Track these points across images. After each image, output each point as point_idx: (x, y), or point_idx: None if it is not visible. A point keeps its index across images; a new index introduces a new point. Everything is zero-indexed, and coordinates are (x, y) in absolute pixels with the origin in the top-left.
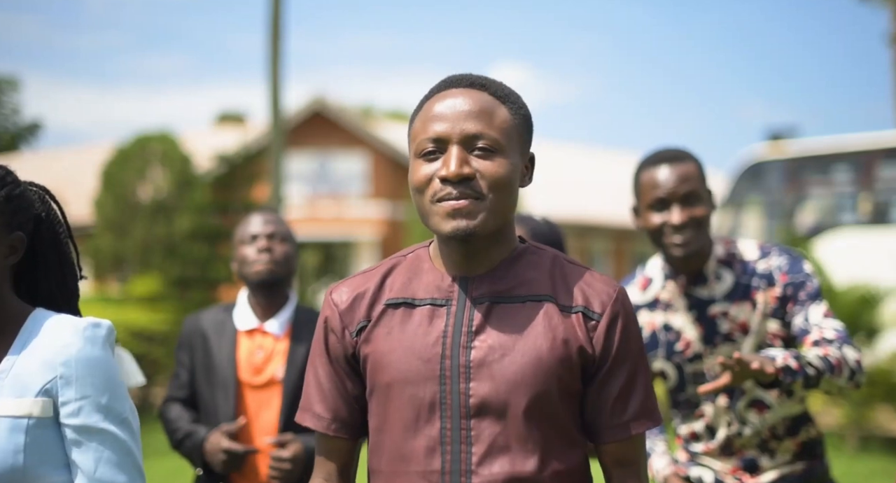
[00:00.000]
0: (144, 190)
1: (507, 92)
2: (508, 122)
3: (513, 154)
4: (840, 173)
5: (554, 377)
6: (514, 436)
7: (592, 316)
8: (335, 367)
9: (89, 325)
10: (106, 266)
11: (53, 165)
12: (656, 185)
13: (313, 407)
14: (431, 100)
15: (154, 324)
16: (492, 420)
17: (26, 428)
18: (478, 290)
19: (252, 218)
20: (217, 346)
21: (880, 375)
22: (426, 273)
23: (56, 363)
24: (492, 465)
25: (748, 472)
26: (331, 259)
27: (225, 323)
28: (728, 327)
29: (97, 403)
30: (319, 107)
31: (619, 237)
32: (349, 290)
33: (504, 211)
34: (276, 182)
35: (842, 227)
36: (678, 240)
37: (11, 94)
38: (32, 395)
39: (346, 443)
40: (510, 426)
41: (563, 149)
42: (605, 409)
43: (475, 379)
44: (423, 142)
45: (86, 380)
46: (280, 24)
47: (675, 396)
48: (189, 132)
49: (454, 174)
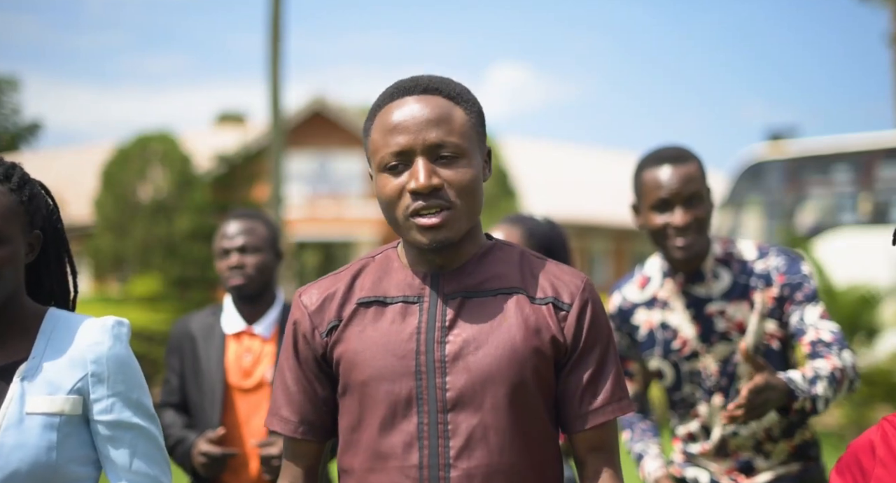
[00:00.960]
0: (144, 190)
1: (458, 91)
2: (466, 123)
3: (474, 155)
4: (840, 173)
5: (529, 367)
6: (492, 428)
7: (562, 306)
8: (304, 370)
9: (116, 323)
10: (106, 266)
11: (53, 165)
12: (659, 185)
13: (280, 411)
14: (385, 109)
15: (154, 324)
16: (469, 413)
17: (58, 425)
18: (449, 285)
19: (226, 228)
20: (205, 351)
21: (880, 375)
22: (396, 271)
23: (87, 361)
24: (470, 457)
25: (744, 473)
26: (331, 259)
27: (213, 327)
28: (725, 326)
29: (128, 399)
30: (319, 107)
31: (619, 237)
32: (318, 292)
33: (474, 213)
34: (276, 182)
35: (842, 227)
36: (680, 242)
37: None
38: (65, 393)
39: (314, 446)
40: (487, 418)
41: (563, 149)
42: (576, 397)
43: (451, 373)
44: (385, 155)
45: (117, 377)
46: (280, 24)
47: (672, 395)
48: (189, 132)
49: (424, 186)
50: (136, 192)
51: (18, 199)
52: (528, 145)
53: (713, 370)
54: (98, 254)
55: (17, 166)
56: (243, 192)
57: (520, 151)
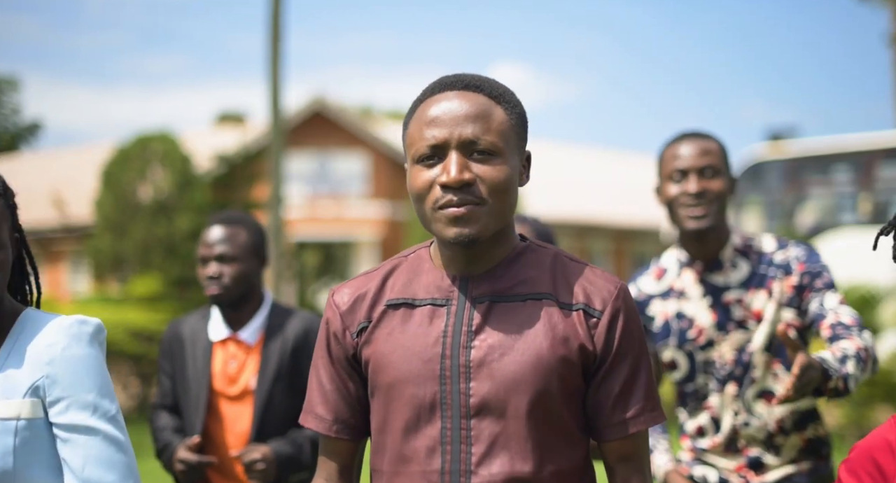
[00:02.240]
0: (144, 190)
1: (501, 91)
2: (505, 123)
3: (511, 155)
4: (840, 173)
5: (554, 376)
6: (515, 435)
7: (593, 313)
8: (337, 369)
9: (75, 322)
10: (106, 266)
11: (53, 165)
12: (677, 156)
13: (315, 409)
14: (426, 103)
15: (154, 324)
16: (492, 420)
17: (15, 429)
18: (478, 289)
19: (206, 235)
20: (192, 356)
21: (880, 375)
22: (426, 273)
23: (42, 362)
24: (491, 464)
25: (753, 470)
26: (331, 259)
27: (201, 332)
28: (742, 314)
29: (84, 401)
30: (319, 107)
31: (619, 237)
32: (350, 292)
33: (505, 213)
34: (276, 182)
35: (842, 227)
36: (693, 212)
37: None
38: (20, 396)
39: (348, 444)
40: (510, 426)
41: (563, 149)
42: (607, 407)
43: (475, 379)
44: (420, 147)
45: (72, 377)
46: (280, 24)
47: (684, 387)
48: (189, 132)
49: (455, 180)
50: (136, 192)
51: (5, 204)
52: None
53: (728, 359)
54: (98, 254)
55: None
56: (243, 192)
57: None
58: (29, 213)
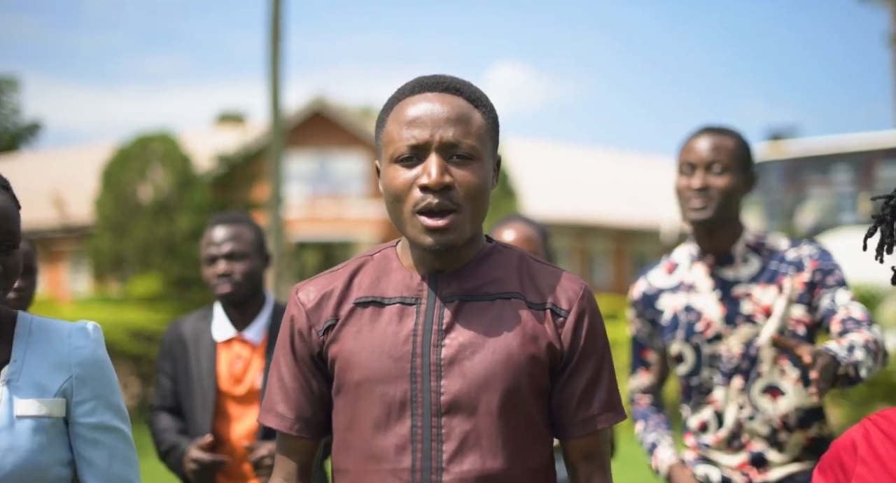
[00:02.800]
0: (145, 190)
1: (478, 95)
2: (483, 127)
3: (486, 159)
4: (840, 173)
5: (524, 374)
6: (485, 433)
7: (560, 313)
8: (300, 366)
9: (94, 328)
10: (106, 266)
11: (53, 165)
12: (690, 150)
13: (276, 407)
14: (404, 102)
15: (154, 324)
16: (463, 417)
17: (46, 427)
18: (447, 288)
19: (212, 234)
20: (196, 358)
21: (880, 375)
22: (394, 272)
23: (71, 364)
24: (462, 462)
25: (756, 467)
26: (331, 259)
27: (203, 333)
28: (751, 308)
29: (109, 403)
30: (319, 107)
31: (619, 237)
32: (316, 289)
33: (479, 218)
34: (276, 182)
35: (842, 227)
36: (694, 204)
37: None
38: (52, 395)
39: (308, 442)
40: (481, 423)
41: (563, 149)
42: (572, 405)
43: (446, 377)
44: (400, 147)
45: (100, 380)
46: (280, 24)
47: (689, 381)
48: (189, 132)
49: (436, 183)
50: (137, 192)
51: (16, 205)
52: (528, 145)
53: (736, 353)
54: (98, 254)
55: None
56: (243, 192)
57: (520, 151)
58: (29, 213)
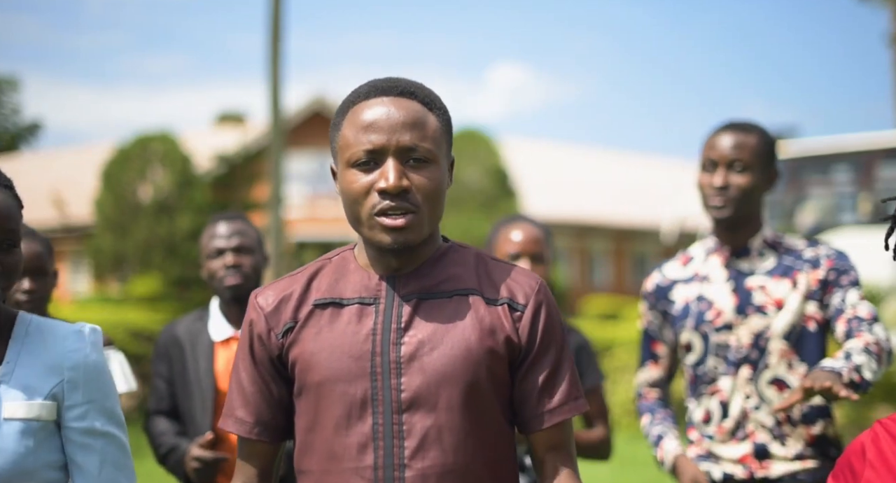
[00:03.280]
0: (145, 190)
1: (432, 97)
2: (438, 130)
3: (442, 161)
4: (840, 173)
5: (483, 368)
6: (446, 428)
7: (517, 307)
8: (259, 370)
9: (91, 330)
10: (106, 266)
11: (53, 165)
12: (712, 147)
13: (235, 412)
14: (360, 106)
15: (154, 324)
16: (424, 413)
17: (35, 430)
18: (405, 287)
19: (217, 228)
20: (193, 359)
21: (881, 376)
22: (352, 273)
23: (63, 367)
24: (424, 457)
25: (758, 459)
26: None
27: (200, 334)
28: (763, 300)
29: (102, 407)
30: (319, 107)
31: (619, 237)
32: (275, 293)
33: (436, 218)
34: (276, 182)
35: (842, 227)
36: (713, 202)
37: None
38: (41, 398)
39: (269, 446)
40: (442, 418)
41: (563, 149)
42: (533, 397)
43: (406, 374)
44: (357, 152)
45: (92, 384)
46: (280, 24)
47: (695, 370)
48: (189, 132)
49: (394, 187)
50: (137, 192)
51: (18, 204)
52: (528, 145)
53: (745, 343)
54: (98, 254)
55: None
56: (243, 192)
57: (520, 151)
58: (29, 213)
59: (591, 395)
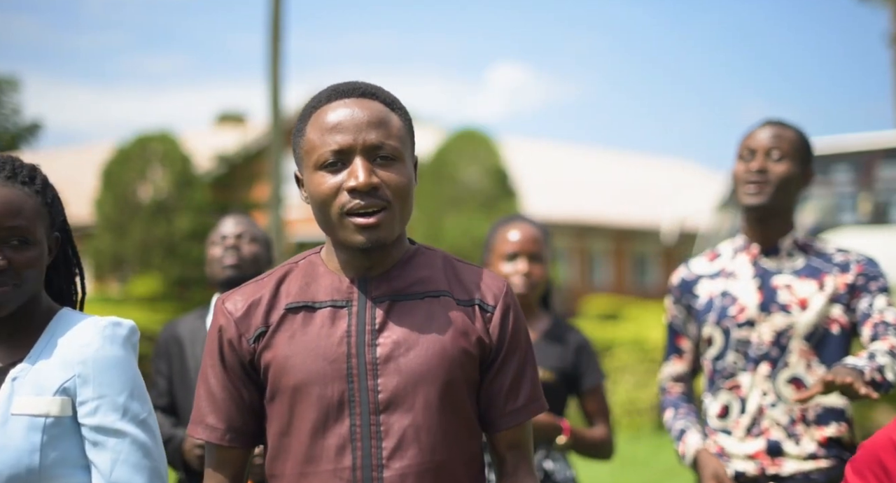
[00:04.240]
0: (144, 190)
1: (392, 98)
2: (402, 129)
3: (407, 159)
4: (840, 173)
5: (458, 367)
6: (424, 427)
7: (487, 308)
8: (230, 376)
9: (109, 324)
10: (106, 266)
11: (53, 165)
12: (751, 136)
13: (205, 419)
14: (322, 110)
15: (154, 324)
16: (401, 413)
17: (43, 427)
18: (377, 289)
19: (224, 220)
20: (193, 355)
21: None
22: (322, 277)
23: (74, 362)
24: (402, 457)
25: (771, 456)
26: None
27: (200, 331)
28: (787, 299)
29: (114, 403)
30: None
31: (619, 237)
32: (243, 299)
33: (406, 216)
34: (276, 182)
35: (842, 227)
36: (749, 188)
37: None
38: (50, 394)
39: (240, 452)
40: (419, 418)
41: (563, 149)
42: (501, 398)
43: (383, 375)
44: (324, 153)
45: (103, 379)
46: (280, 24)
47: (714, 365)
48: (189, 132)
49: (364, 184)
50: (136, 192)
51: (43, 201)
52: (528, 145)
53: (766, 340)
54: (98, 254)
55: (38, 168)
56: (243, 192)
57: (520, 151)
58: None
59: (593, 395)
